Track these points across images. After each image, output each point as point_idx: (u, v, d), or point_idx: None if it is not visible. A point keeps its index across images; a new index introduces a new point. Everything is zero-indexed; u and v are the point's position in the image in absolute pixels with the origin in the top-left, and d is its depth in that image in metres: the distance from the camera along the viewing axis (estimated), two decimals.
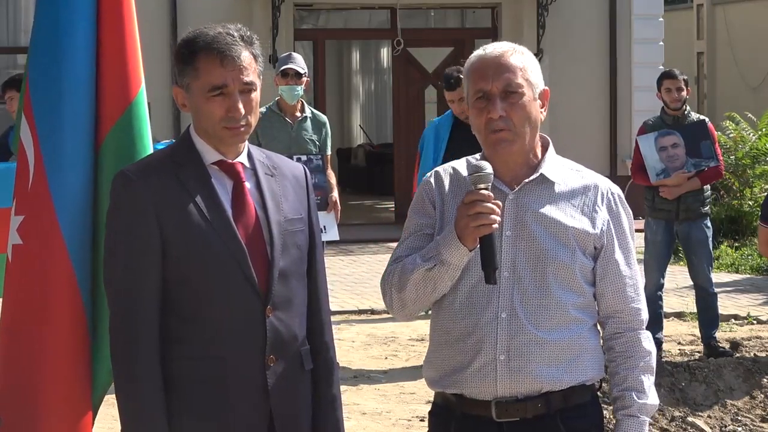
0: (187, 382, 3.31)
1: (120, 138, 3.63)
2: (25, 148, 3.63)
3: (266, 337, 3.34)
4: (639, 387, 3.41)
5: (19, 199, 3.64)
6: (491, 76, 3.35)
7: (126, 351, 3.28)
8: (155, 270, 3.29)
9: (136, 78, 3.65)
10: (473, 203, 3.23)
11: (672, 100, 9.01)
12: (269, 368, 3.35)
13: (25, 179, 3.62)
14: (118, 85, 3.63)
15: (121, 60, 3.64)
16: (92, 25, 3.62)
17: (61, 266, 3.52)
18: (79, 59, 3.60)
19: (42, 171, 3.57)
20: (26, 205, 3.60)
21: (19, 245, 3.59)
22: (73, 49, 3.60)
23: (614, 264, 3.43)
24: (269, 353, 3.35)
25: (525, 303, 3.34)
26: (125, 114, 3.63)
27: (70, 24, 3.60)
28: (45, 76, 3.60)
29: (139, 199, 3.29)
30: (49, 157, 3.57)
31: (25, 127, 3.64)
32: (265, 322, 3.34)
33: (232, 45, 3.30)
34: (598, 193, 3.44)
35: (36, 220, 3.56)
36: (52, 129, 3.58)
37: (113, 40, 3.64)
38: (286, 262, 3.39)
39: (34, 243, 3.56)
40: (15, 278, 3.60)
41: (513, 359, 3.32)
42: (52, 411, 3.52)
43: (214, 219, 3.31)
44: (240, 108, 3.30)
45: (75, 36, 3.60)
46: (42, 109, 3.60)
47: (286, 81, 9.07)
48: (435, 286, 3.35)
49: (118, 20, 3.64)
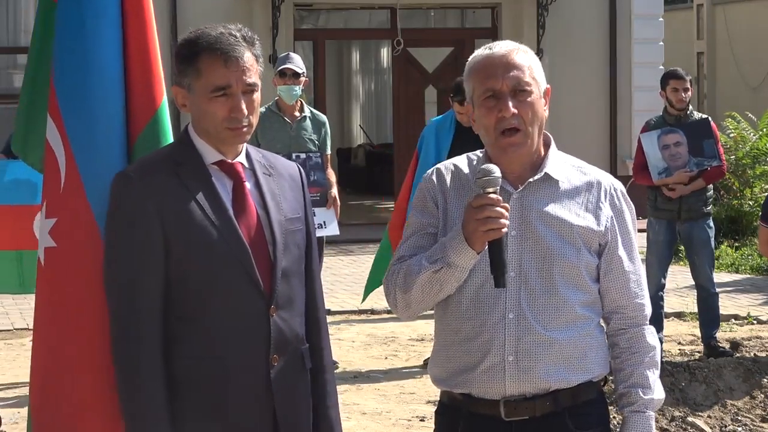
0: (190, 382, 3.31)
1: (153, 137, 3.61)
2: (54, 148, 3.58)
3: (270, 336, 3.34)
4: (644, 383, 3.42)
5: (49, 201, 3.59)
6: (501, 75, 3.34)
7: (128, 351, 3.28)
8: (157, 269, 3.28)
9: (160, 83, 3.63)
10: (482, 207, 3.21)
11: (678, 100, 8.98)
12: (273, 367, 3.35)
13: (55, 181, 3.57)
14: (145, 90, 3.60)
15: (147, 65, 3.61)
16: (119, 22, 3.60)
17: (100, 266, 3.46)
18: (107, 58, 3.57)
19: (75, 172, 3.53)
20: (59, 208, 3.56)
21: (52, 248, 3.55)
22: (101, 48, 3.57)
23: (618, 260, 3.43)
24: (273, 353, 3.35)
25: (532, 303, 3.34)
26: (157, 113, 3.62)
27: (96, 22, 3.57)
28: (71, 76, 3.57)
29: (140, 198, 3.28)
30: (82, 158, 3.53)
31: (51, 128, 3.60)
32: (269, 322, 3.34)
33: (235, 45, 3.29)
34: (601, 190, 3.44)
35: (71, 223, 3.53)
36: (84, 130, 3.54)
37: (138, 38, 3.61)
38: (288, 262, 3.39)
39: (71, 245, 3.52)
40: (50, 281, 3.56)
41: (522, 359, 3.32)
42: (90, 414, 3.49)
43: (216, 219, 3.30)
44: (243, 108, 3.30)
45: (102, 34, 3.57)
46: (71, 110, 3.56)
47: (284, 81, 9.07)
48: (441, 288, 3.34)
49: (141, 18, 3.62)
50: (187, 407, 3.30)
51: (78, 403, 3.49)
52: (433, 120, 9.08)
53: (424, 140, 8.83)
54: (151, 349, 3.27)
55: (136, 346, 3.27)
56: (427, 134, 8.82)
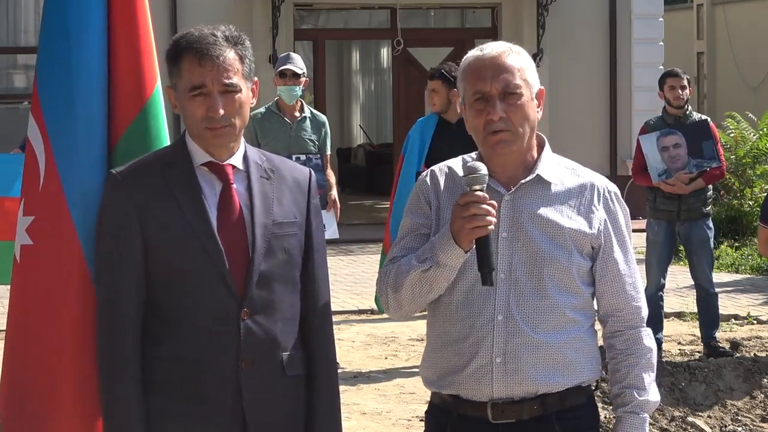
0: (167, 383, 3.32)
1: (137, 137, 3.60)
2: (34, 147, 3.59)
3: (240, 339, 3.32)
4: (639, 384, 3.41)
5: (27, 199, 3.60)
6: (490, 77, 3.33)
7: (109, 351, 3.31)
8: (137, 271, 3.31)
9: (151, 76, 3.61)
10: (468, 205, 3.21)
11: (675, 97, 9.00)
12: (243, 372, 3.33)
13: (35, 179, 3.58)
14: (132, 84, 3.59)
15: (134, 58, 3.60)
16: (103, 22, 3.58)
17: (76, 266, 3.48)
18: (90, 58, 3.56)
19: (54, 171, 3.54)
20: (37, 206, 3.56)
21: (29, 246, 3.55)
22: (84, 47, 3.56)
23: (613, 263, 3.41)
24: (243, 357, 3.32)
25: (521, 305, 3.33)
26: (141, 113, 3.61)
27: (79, 22, 3.56)
28: (54, 76, 3.57)
29: (124, 201, 3.32)
30: (61, 158, 3.53)
31: (33, 127, 3.61)
32: (239, 325, 3.32)
33: (212, 45, 3.30)
34: (594, 192, 3.43)
35: (49, 221, 3.53)
36: (64, 129, 3.54)
37: (126, 37, 3.59)
38: (270, 266, 3.35)
39: (47, 243, 3.52)
40: (25, 279, 3.56)
41: (509, 361, 3.31)
42: (64, 411, 3.49)
43: (193, 219, 3.31)
44: (219, 108, 3.30)
45: (86, 34, 3.56)
46: (52, 110, 3.57)
47: (284, 81, 9.07)
48: (431, 287, 3.33)
49: (130, 17, 3.60)
50: (164, 408, 3.31)
51: (50, 401, 3.49)
52: (419, 120, 9.05)
53: (409, 141, 8.80)
54: (132, 350, 3.30)
55: (118, 347, 3.30)
56: (412, 135, 8.79)
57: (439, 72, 8.63)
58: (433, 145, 8.50)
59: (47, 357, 3.49)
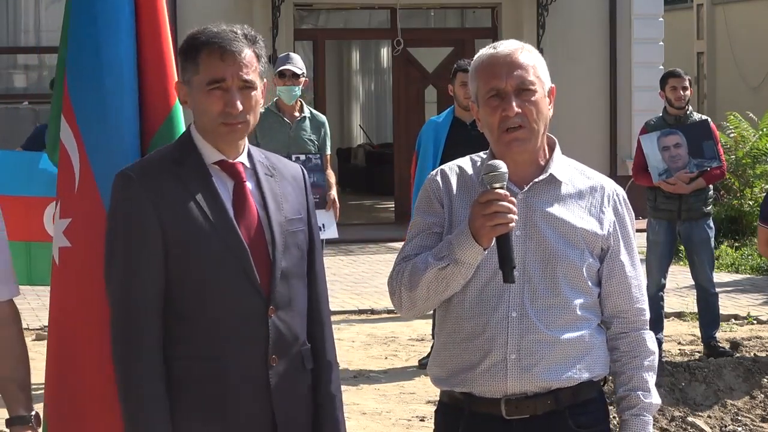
0: (189, 382, 3.30)
1: (168, 137, 3.61)
2: (68, 150, 3.60)
3: (269, 337, 3.33)
4: (644, 387, 3.44)
5: (63, 202, 3.61)
6: (505, 74, 3.35)
7: (127, 352, 3.27)
8: (156, 270, 3.28)
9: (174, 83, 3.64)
10: (490, 202, 3.22)
11: (677, 98, 9.01)
12: (272, 368, 3.34)
13: (70, 182, 3.59)
14: (160, 92, 3.62)
15: (160, 59, 3.63)
16: (132, 28, 3.62)
17: None
18: (121, 63, 3.59)
19: (89, 173, 3.56)
20: (73, 208, 3.58)
21: (67, 248, 3.57)
22: (116, 53, 3.59)
23: (620, 265, 3.44)
24: (272, 353, 3.34)
25: (535, 302, 3.35)
26: (171, 113, 3.63)
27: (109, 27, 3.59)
28: (85, 77, 3.59)
29: (140, 199, 3.28)
30: (95, 159, 3.55)
31: (66, 130, 3.62)
32: (267, 323, 3.33)
33: (233, 41, 3.30)
34: (604, 195, 3.46)
35: (86, 223, 3.54)
36: (97, 131, 3.56)
37: (153, 47, 3.63)
38: (288, 263, 3.38)
39: (85, 245, 3.54)
40: (66, 281, 3.58)
41: (524, 358, 3.33)
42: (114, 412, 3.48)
43: (215, 218, 3.30)
44: (237, 104, 3.30)
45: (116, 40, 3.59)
46: (84, 112, 3.58)
47: (284, 81, 9.09)
48: (447, 285, 3.34)
49: (156, 27, 3.64)
50: (186, 407, 3.29)
51: (91, 401, 3.51)
52: (432, 119, 9.07)
53: (422, 138, 8.83)
54: (150, 350, 3.26)
55: (134, 346, 3.26)
56: (425, 132, 8.82)
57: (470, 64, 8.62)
58: (448, 146, 8.50)
59: (92, 357, 3.51)
